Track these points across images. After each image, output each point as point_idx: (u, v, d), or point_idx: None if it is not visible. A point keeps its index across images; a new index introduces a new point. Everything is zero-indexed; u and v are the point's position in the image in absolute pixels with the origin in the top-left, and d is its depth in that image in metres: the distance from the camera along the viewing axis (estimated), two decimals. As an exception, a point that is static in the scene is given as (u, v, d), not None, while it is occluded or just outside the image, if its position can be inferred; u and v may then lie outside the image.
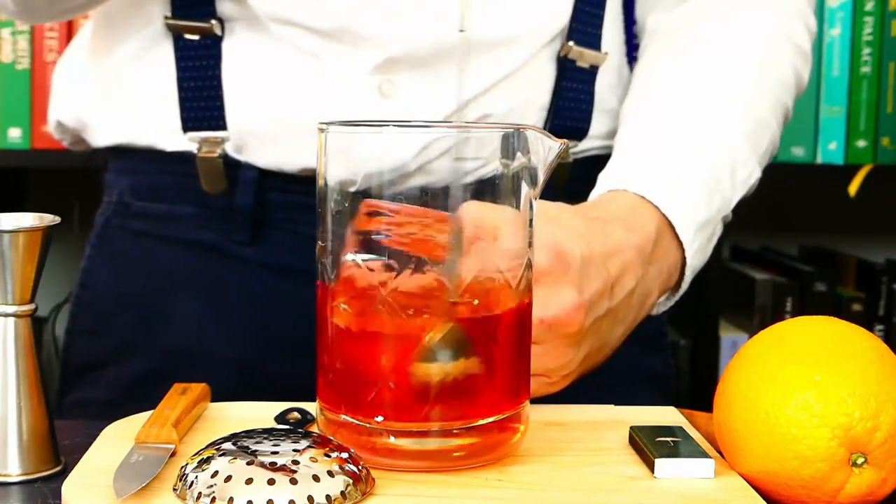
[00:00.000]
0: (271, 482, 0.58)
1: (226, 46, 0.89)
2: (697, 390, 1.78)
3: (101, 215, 0.97)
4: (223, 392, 0.77)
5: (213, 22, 0.89)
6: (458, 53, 0.87)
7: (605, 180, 0.85)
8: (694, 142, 0.87)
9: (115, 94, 0.93)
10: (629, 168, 0.85)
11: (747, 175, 0.88)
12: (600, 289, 0.75)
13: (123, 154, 0.95)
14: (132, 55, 0.92)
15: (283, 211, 0.91)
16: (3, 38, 1.70)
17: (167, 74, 0.90)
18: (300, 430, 0.65)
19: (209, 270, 0.92)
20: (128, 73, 0.93)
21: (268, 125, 0.89)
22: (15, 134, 1.71)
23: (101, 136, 0.94)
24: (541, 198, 0.68)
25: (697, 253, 0.84)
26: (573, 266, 0.73)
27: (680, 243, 0.83)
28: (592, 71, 0.94)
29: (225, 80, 0.89)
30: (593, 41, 0.93)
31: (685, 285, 0.86)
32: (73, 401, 0.96)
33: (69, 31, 1.70)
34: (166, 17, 0.90)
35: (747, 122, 0.89)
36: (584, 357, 0.76)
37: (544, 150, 0.66)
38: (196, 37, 0.89)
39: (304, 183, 0.88)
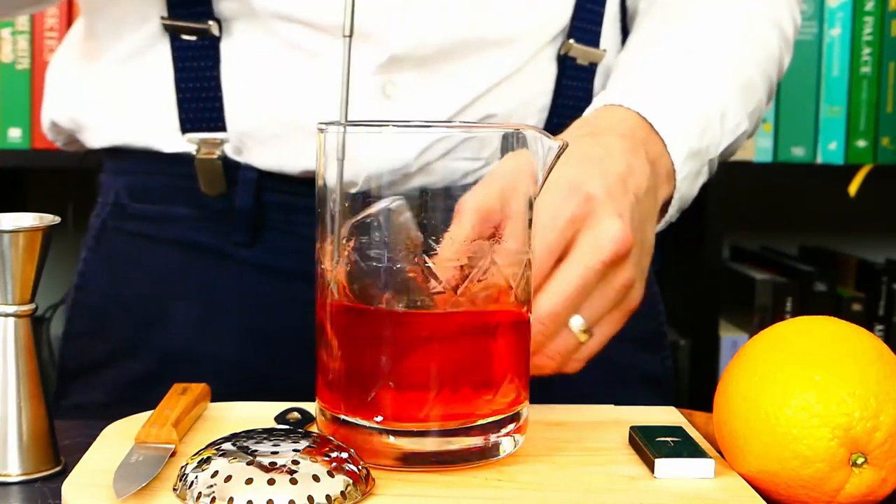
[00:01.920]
0: (271, 482, 0.58)
1: (224, 47, 0.89)
2: (697, 390, 1.78)
3: (97, 217, 0.97)
4: (221, 394, 0.77)
5: (211, 22, 0.88)
6: (463, 53, 0.87)
7: (599, 99, 0.85)
8: (689, 79, 0.87)
9: (112, 95, 0.93)
10: (625, 88, 0.85)
11: (736, 123, 0.88)
12: (631, 202, 0.75)
13: (119, 155, 0.94)
14: (129, 55, 0.92)
15: (282, 212, 0.91)
16: (3, 38, 1.70)
17: (165, 75, 0.90)
18: (300, 430, 0.65)
19: (206, 272, 0.92)
20: (124, 74, 0.92)
21: (268, 126, 0.88)
22: (15, 134, 1.71)
23: (97, 137, 0.94)
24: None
25: (685, 180, 0.83)
26: (599, 197, 0.73)
27: (669, 158, 0.82)
28: (591, 68, 0.94)
29: (224, 81, 0.89)
30: (593, 38, 0.93)
31: (671, 211, 0.85)
32: (70, 404, 0.95)
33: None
34: (163, 18, 0.89)
35: (739, 77, 0.90)
36: (638, 266, 0.76)
37: (543, 150, 0.66)
38: (193, 37, 0.89)
39: (303, 184, 0.88)
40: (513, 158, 0.66)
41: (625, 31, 0.99)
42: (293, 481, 0.58)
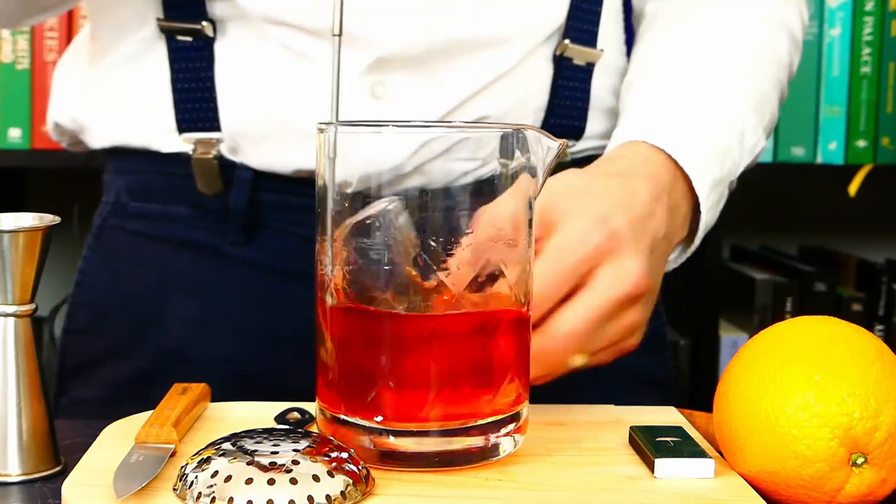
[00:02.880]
0: (271, 482, 0.58)
1: (218, 48, 0.89)
2: (697, 390, 1.78)
3: (99, 215, 0.97)
4: (218, 392, 0.77)
5: (205, 23, 0.89)
6: (452, 54, 0.87)
7: (621, 133, 0.86)
8: (708, 104, 0.87)
9: (111, 96, 0.93)
10: (646, 121, 0.86)
11: (754, 143, 0.89)
12: (649, 246, 0.77)
13: (120, 155, 0.95)
14: (127, 57, 0.92)
15: (278, 212, 0.91)
16: (3, 38, 1.70)
17: (162, 76, 0.90)
18: (300, 430, 0.65)
19: (203, 271, 0.92)
20: (123, 75, 0.93)
21: (261, 126, 0.88)
22: (15, 134, 1.71)
23: (97, 138, 0.95)
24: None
25: (710, 211, 0.85)
26: (624, 235, 0.74)
27: (692, 194, 0.83)
28: (588, 68, 0.94)
29: (218, 82, 0.89)
30: (589, 38, 0.93)
31: (697, 241, 0.86)
32: (69, 400, 0.96)
33: (69, 32, 1.71)
34: (158, 19, 0.90)
35: (754, 93, 0.90)
36: (646, 310, 0.78)
37: (543, 150, 0.66)
38: (188, 38, 0.89)
39: (298, 184, 0.88)
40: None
41: (628, 31, 0.98)
42: (293, 481, 0.58)
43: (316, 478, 0.59)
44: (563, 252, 0.71)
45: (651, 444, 0.67)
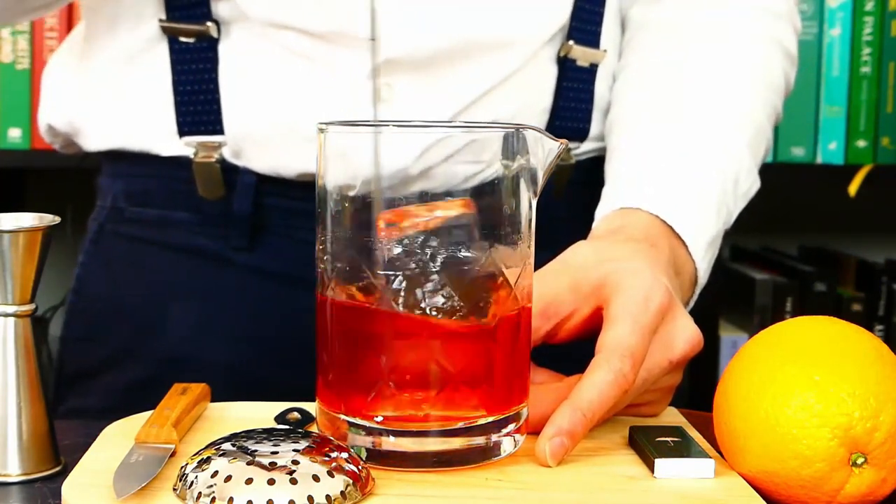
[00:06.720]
0: (271, 482, 0.58)
1: (222, 49, 0.88)
2: (697, 390, 1.78)
3: (95, 220, 0.96)
4: (219, 399, 0.77)
5: (209, 24, 0.88)
6: (458, 57, 0.87)
7: (615, 196, 0.85)
8: (701, 154, 0.86)
9: (108, 98, 0.92)
10: (639, 186, 0.85)
11: (748, 187, 0.89)
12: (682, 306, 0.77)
13: (117, 158, 0.93)
14: (126, 57, 0.91)
15: (281, 217, 0.90)
16: (3, 38, 1.70)
17: (162, 77, 0.89)
18: (300, 430, 0.65)
19: (205, 277, 0.91)
20: (121, 76, 0.91)
21: (265, 130, 0.88)
22: (15, 134, 1.71)
23: (93, 141, 0.93)
24: (540, 199, 0.68)
25: (706, 272, 0.85)
26: (672, 293, 0.74)
27: (690, 258, 0.83)
28: (592, 69, 0.93)
29: (222, 84, 0.88)
30: (592, 39, 0.93)
31: (692, 303, 0.86)
32: (68, 409, 0.95)
33: (69, 31, 1.70)
34: (161, 20, 0.89)
35: (748, 130, 0.89)
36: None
37: (543, 151, 0.66)
38: (191, 39, 0.88)
39: (302, 188, 0.87)
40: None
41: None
42: (293, 481, 0.58)
43: (316, 478, 0.59)
44: (638, 314, 0.70)
45: (651, 444, 0.67)
